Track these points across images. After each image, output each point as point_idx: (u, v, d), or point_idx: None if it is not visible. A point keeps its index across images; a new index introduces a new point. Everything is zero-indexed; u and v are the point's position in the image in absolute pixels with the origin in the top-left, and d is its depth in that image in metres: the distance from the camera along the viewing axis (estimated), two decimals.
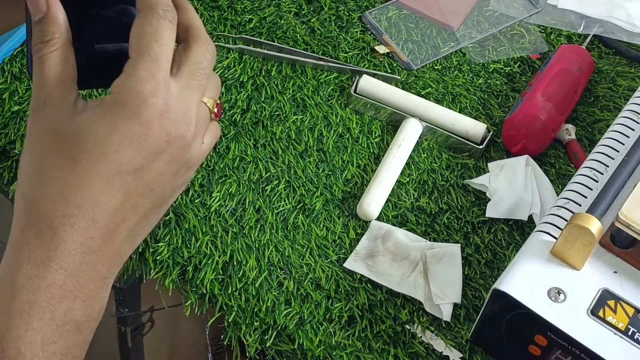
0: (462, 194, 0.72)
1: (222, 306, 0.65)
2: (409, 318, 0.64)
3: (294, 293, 0.65)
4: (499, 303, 0.55)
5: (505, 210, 0.69)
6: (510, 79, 0.81)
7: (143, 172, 0.43)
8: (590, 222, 0.52)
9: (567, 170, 0.74)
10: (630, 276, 0.54)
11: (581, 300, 0.53)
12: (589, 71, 0.79)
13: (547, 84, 0.74)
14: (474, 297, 0.65)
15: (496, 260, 0.67)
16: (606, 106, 0.79)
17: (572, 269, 0.55)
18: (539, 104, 0.72)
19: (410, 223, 0.70)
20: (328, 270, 0.66)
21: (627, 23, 0.85)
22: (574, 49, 0.79)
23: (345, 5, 0.87)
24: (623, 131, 0.64)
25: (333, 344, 0.62)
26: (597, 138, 0.75)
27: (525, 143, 0.73)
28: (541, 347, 0.54)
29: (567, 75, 0.76)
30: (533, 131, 0.72)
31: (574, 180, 0.62)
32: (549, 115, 0.72)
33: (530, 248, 0.57)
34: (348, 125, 0.76)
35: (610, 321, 0.52)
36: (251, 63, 0.81)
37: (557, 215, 0.59)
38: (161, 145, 0.43)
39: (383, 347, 0.62)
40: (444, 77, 0.81)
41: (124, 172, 0.42)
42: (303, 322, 0.63)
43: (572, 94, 0.76)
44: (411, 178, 0.73)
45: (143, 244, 0.67)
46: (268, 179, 0.72)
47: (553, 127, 0.73)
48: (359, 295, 0.65)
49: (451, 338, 0.62)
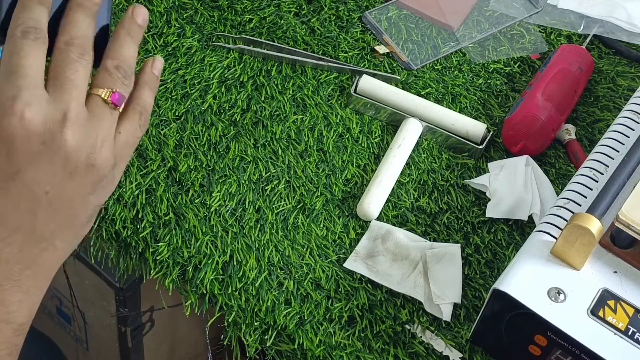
0: (462, 194, 0.72)
1: (222, 306, 0.65)
2: (409, 318, 0.64)
3: (294, 293, 0.65)
4: (499, 303, 0.55)
5: (505, 211, 0.69)
6: (510, 79, 0.81)
7: (20, 176, 0.44)
8: (590, 222, 0.52)
9: (567, 170, 0.74)
10: (630, 276, 0.54)
11: (581, 300, 0.53)
12: (589, 71, 0.79)
13: (547, 84, 0.74)
14: (474, 297, 0.65)
15: (496, 260, 0.67)
16: (606, 106, 0.79)
17: (572, 269, 0.55)
18: (539, 104, 0.72)
19: (410, 223, 0.70)
20: (328, 270, 0.66)
21: (627, 23, 0.85)
22: (574, 49, 0.79)
23: (345, 5, 0.87)
24: (623, 131, 0.64)
25: (333, 344, 0.62)
26: (597, 138, 0.75)
27: (525, 143, 0.72)
28: (541, 347, 0.54)
29: (567, 75, 0.76)
30: (533, 131, 0.72)
31: (574, 180, 0.62)
32: (548, 115, 0.72)
33: (530, 248, 0.57)
34: (348, 125, 0.76)
35: (610, 321, 0.52)
36: (251, 63, 0.81)
37: (557, 215, 0.59)
38: (33, 147, 0.43)
39: (383, 347, 0.62)
40: (444, 77, 0.81)
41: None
42: (303, 322, 0.63)
43: (572, 94, 0.76)
44: (411, 178, 0.73)
45: (143, 243, 0.67)
46: (268, 179, 0.72)
47: (553, 127, 0.73)
48: (359, 295, 0.65)
49: (451, 338, 0.62)
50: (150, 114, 0.49)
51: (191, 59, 0.81)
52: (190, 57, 0.81)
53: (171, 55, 0.81)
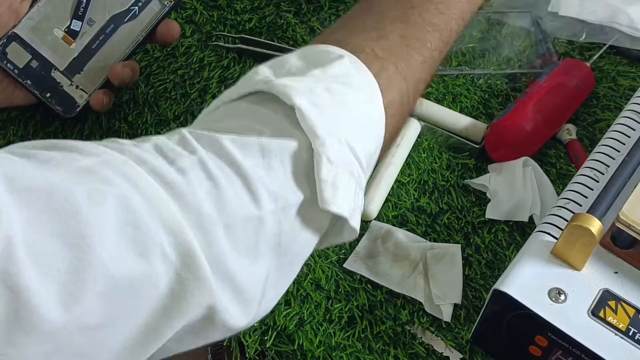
0: (462, 194, 0.72)
1: None
2: (409, 319, 0.63)
3: (293, 293, 0.65)
4: (500, 303, 0.55)
5: (505, 212, 0.69)
6: (511, 79, 0.81)
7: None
8: (591, 222, 0.52)
9: (568, 170, 0.73)
10: (631, 276, 0.54)
11: (582, 301, 0.53)
12: (588, 89, 0.78)
13: (542, 96, 0.73)
14: (475, 297, 0.65)
15: (496, 260, 0.67)
16: (607, 106, 0.79)
17: (572, 270, 0.54)
18: (528, 115, 0.71)
19: (411, 223, 0.69)
20: (328, 270, 0.66)
21: (630, 28, 0.84)
22: (577, 65, 0.77)
23: (345, 5, 0.86)
24: (624, 131, 0.64)
25: (333, 344, 0.62)
26: (598, 138, 0.75)
27: (505, 151, 0.72)
28: (542, 347, 0.54)
29: (563, 90, 0.75)
30: (516, 140, 0.71)
31: (575, 180, 0.62)
32: (535, 127, 0.71)
33: (530, 248, 0.56)
34: None
35: (610, 322, 0.52)
36: (251, 63, 0.81)
37: (558, 215, 0.58)
38: None
39: (383, 347, 0.62)
40: (444, 76, 0.81)
41: None
42: (303, 323, 0.63)
43: (565, 110, 0.75)
44: (411, 178, 0.73)
45: None
46: None
47: (537, 140, 0.72)
48: (359, 296, 0.65)
49: (451, 339, 0.62)
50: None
51: (190, 58, 0.81)
52: (189, 56, 0.81)
53: (170, 55, 0.81)
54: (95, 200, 0.34)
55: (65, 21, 0.71)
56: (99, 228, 0.33)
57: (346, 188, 0.43)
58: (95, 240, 0.33)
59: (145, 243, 0.35)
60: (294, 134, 0.42)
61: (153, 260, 0.35)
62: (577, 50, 0.84)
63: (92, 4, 0.71)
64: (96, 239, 0.33)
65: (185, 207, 0.37)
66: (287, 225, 0.41)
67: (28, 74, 0.70)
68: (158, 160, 0.38)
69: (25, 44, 0.70)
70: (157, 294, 0.35)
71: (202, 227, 0.37)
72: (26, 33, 0.70)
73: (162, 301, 0.36)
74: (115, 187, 0.35)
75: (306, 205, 0.42)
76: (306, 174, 0.42)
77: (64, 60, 0.72)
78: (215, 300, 0.37)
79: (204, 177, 0.38)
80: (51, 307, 0.31)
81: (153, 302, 0.35)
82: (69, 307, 0.32)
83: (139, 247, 0.34)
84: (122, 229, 0.34)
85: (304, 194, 0.42)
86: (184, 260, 0.36)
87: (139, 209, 0.35)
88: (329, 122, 0.43)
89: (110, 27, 0.72)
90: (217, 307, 0.37)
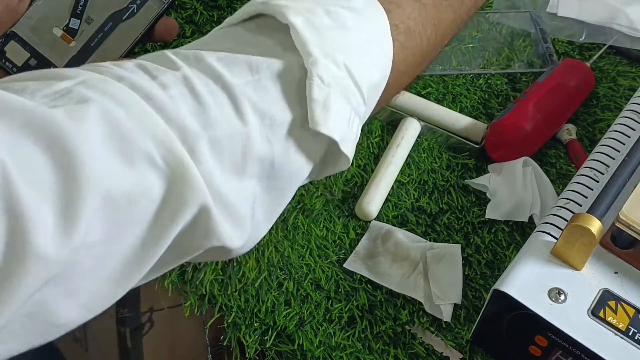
0: (462, 194, 0.72)
1: (222, 307, 0.64)
2: (409, 319, 0.63)
3: (293, 293, 0.65)
4: (500, 304, 0.55)
5: (505, 212, 0.69)
6: (511, 79, 0.81)
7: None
8: (591, 222, 0.52)
9: (568, 170, 0.73)
10: (630, 276, 0.54)
11: (582, 301, 0.53)
12: (588, 90, 0.78)
13: (542, 97, 0.73)
14: (475, 297, 0.65)
15: (496, 260, 0.67)
16: (607, 106, 0.79)
17: (572, 270, 0.54)
18: (528, 115, 0.72)
19: (411, 223, 0.69)
20: (328, 270, 0.66)
21: (629, 28, 0.84)
22: (577, 65, 0.77)
23: None
24: (624, 131, 0.64)
25: (333, 344, 0.62)
26: (598, 138, 0.75)
27: (505, 151, 0.72)
28: (542, 347, 0.54)
29: (563, 90, 0.75)
30: (516, 140, 0.71)
31: (575, 180, 0.61)
32: (535, 127, 0.71)
33: (530, 248, 0.56)
34: None
35: (610, 322, 0.52)
36: None
37: (558, 215, 0.58)
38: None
39: (383, 347, 0.62)
40: (444, 76, 0.81)
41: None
42: (303, 323, 0.63)
43: (565, 110, 0.75)
44: (411, 178, 0.73)
45: None
46: None
47: (537, 141, 0.72)
48: (359, 296, 0.65)
49: (451, 339, 0.62)
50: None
51: None
52: None
53: None
54: (76, 117, 0.33)
55: (64, 20, 0.71)
56: (84, 144, 0.33)
57: (338, 111, 0.41)
58: (84, 157, 0.32)
59: (133, 154, 0.34)
60: (286, 56, 0.41)
61: (144, 170, 0.34)
62: (577, 50, 0.84)
63: (91, 2, 0.71)
64: (84, 155, 0.32)
65: (168, 121, 0.36)
66: (279, 146, 0.40)
67: None
68: (139, 75, 0.37)
69: (24, 43, 0.70)
70: (152, 202, 0.35)
71: (186, 141, 0.36)
72: (25, 32, 0.70)
73: (157, 209, 0.35)
74: (95, 103, 0.34)
75: (298, 126, 0.41)
76: (298, 93, 0.41)
77: (63, 58, 0.71)
78: (207, 201, 0.36)
79: (187, 92, 0.37)
80: (50, 231, 0.31)
81: (149, 212, 0.35)
82: (68, 228, 0.32)
83: (128, 159, 0.34)
84: (108, 143, 0.33)
85: (294, 114, 0.40)
86: (175, 170, 0.35)
87: (123, 121, 0.34)
88: (325, 43, 0.41)
89: (109, 25, 0.72)
90: (210, 209, 0.37)
